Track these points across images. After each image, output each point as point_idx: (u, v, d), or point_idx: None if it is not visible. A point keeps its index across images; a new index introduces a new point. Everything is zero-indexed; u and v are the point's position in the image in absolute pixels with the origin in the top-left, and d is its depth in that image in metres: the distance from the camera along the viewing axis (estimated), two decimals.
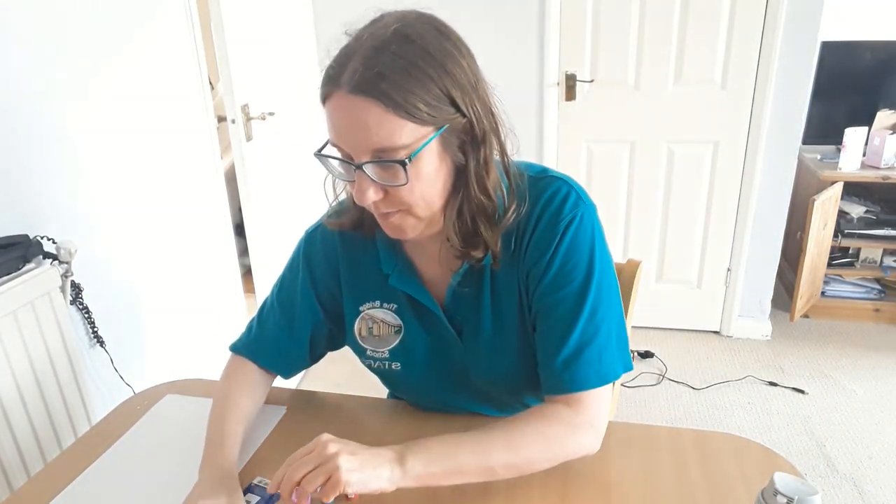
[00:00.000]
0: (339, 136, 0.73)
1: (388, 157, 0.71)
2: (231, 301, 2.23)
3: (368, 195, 0.73)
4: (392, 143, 0.70)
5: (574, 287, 0.81)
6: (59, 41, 1.44)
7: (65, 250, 1.37)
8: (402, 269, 0.89)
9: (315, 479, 0.69)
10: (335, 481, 0.69)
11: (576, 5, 2.48)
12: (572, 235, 0.81)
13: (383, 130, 0.69)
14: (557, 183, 0.83)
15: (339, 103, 0.71)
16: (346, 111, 0.70)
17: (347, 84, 0.69)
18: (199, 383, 1.09)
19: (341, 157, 0.75)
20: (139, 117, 1.71)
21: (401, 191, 0.74)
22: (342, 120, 0.71)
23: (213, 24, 1.93)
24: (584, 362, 0.80)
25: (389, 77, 0.68)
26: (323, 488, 0.69)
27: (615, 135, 2.62)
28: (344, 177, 0.78)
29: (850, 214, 2.78)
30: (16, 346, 1.24)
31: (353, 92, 0.69)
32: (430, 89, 0.70)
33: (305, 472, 0.70)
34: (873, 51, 2.75)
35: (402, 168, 0.71)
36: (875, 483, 1.93)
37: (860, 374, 2.48)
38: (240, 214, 2.17)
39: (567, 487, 0.81)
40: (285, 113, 2.38)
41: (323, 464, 0.70)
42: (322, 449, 0.72)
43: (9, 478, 1.22)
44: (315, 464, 0.70)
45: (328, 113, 0.73)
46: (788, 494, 0.62)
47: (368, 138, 0.70)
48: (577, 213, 0.81)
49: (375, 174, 0.73)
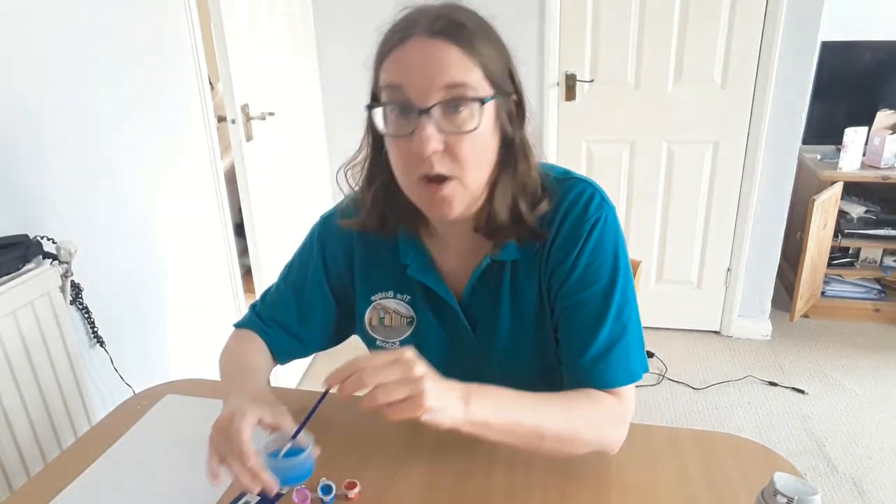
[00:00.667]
0: (409, 76, 0.72)
1: (461, 95, 0.71)
2: (231, 301, 2.23)
3: (431, 144, 0.71)
4: (466, 81, 0.71)
5: (601, 286, 0.82)
6: (59, 41, 1.44)
7: (65, 250, 1.37)
8: (420, 260, 0.89)
9: (395, 391, 0.64)
10: (417, 403, 0.64)
11: (576, 5, 2.48)
12: (598, 236, 0.82)
13: (462, 67, 0.71)
14: (581, 185, 0.84)
15: (415, 45, 0.72)
16: (423, 51, 0.72)
17: (428, 30, 0.72)
18: (199, 383, 1.09)
19: (400, 106, 0.73)
20: (139, 117, 1.71)
21: (462, 145, 0.73)
22: (417, 59, 0.72)
23: (213, 24, 1.92)
24: (613, 360, 0.81)
25: (469, 28, 0.73)
26: (398, 406, 0.65)
27: (615, 135, 2.63)
28: (399, 131, 0.74)
29: (850, 214, 2.78)
30: (15, 347, 1.24)
31: (434, 35, 0.71)
32: (501, 53, 0.76)
33: (386, 381, 0.65)
34: (873, 51, 2.75)
35: (480, 105, 0.72)
36: (875, 483, 1.93)
37: (860, 374, 2.48)
38: (240, 214, 2.17)
39: (567, 487, 0.81)
40: (285, 113, 2.38)
41: (409, 380, 0.65)
42: (410, 365, 0.66)
43: (9, 478, 1.22)
44: (399, 377, 0.65)
45: (394, 60, 0.73)
46: (788, 494, 0.62)
47: (444, 72, 0.71)
48: (602, 215, 0.83)
49: (442, 120, 0.72)
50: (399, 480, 0.83)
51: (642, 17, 2.44)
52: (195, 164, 1.99)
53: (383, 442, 0.91)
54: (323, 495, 0.79)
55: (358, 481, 0.82)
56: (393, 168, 0.79)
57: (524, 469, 0.84)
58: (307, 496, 0.79)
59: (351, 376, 0.65)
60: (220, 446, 0.72)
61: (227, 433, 0.71)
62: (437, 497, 0.80)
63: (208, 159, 2.05)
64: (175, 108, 1.87)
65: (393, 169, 0.79)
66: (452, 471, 0.84)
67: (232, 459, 0.70)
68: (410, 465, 0.86)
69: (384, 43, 0.76)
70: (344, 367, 0.67)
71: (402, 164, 0.76)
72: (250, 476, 0.70)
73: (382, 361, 0.66)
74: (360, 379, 0.65)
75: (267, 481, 0.70)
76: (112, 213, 1.62)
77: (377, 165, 0.85)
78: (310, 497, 0.79)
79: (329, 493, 0.80)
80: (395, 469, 0.85)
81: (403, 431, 0.94)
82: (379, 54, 0.76)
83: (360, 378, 0.65)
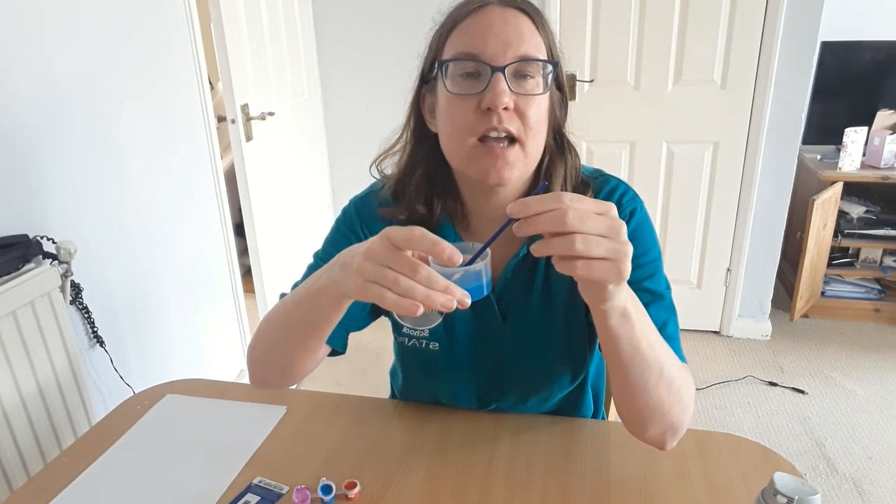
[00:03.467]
0: (484, 39, 0.74)
1: (534, 57, 0.75)
2: (231, 301, 2.23)
3: (505, 98, 0.73)
4: (536, 55, 0.76)
5: (644, 272, 0.83)
6: (59, 41, 1.44)
7: (65, 250, 1.37)
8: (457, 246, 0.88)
9: (598, 246, 0.55)
10: (618, 270, 0.57)
11: (576, 5, 2.48)
12: (635, 226, 0.85)
13: (533, 42, 0.76)
14: (614, 180, 0.89)
15: (493, 13, 0.76)
16: (501, 18, 0.75)
17: (503, 1, 0.77)
18: (199, 383, 1.09)
19: (471, 67, 0.75)
20: (139, 117, 1.71)
21: (530, 107, 0.75)
22: (496, 24, 0.75)
23: (213, 24, 1.93)
24: (669, 337, 0.80)
25: (534, 7, 0.79)
26: (595, 264, 0.56)
27: (615, 135, 2.62)
28: (467, 90, 0.75)
29: (849, 214, 2.78)
30: (16, 346, 1.24)
31: (509, 6, 0.76)
32: (553, 32, 0.80)
33: (591, 231, 0.55)
34: (873, 51, 2.75)
35: (553, 68, 0.77)
36: (875, 483, 1.93)
37: (860, 374, 2.48)
38: (240, 214, 2.17)
39: (567, 487, 0.81)
40: (285, 113, 2.38)
41: (615, 240, 0.56)
42: (619, 225, 0.57)
43: (9, 478, 1.22)
44: (605, 232, 0.56)
45: (466, 29, 0.76)
46: (788, 494, 0.62)
47: (521, 42, 0.75)
48: (637, 205, 0.86)
49: (512, 82, 0.74)
50: (399, 480, 0.83)
51: (642, 17, 2.44)
52: (195, 164, 1.99)
53: (383, 442, 0.91)
54: (323, 495, 0.79)
55: (358, 481, 0.82)
56: (447, 137, 0.80)
57: (524, 469, 0.84)
58: (307, 496, 0.79)
59: (551, 211, 0.55)
60: (383, 273, 0.57)
61: (391, 250, 0.57)
62: (437, 497, 0.80)
63: (208, 159, 2.05)
64: (175, 108, 1.88)
65: (446, 138, 0.80)
66: (452, 471, 0.84)
67: (410, 275, 0.56)
68: (410, 465, 0.86)
69: (451, 16, 0.79)
70: (542, 199, 0.56)
71: (465, 125, 0.76)
72: (442, 289, 0.56)
73: (589, 207, 0.56)
74: (561, 218, 0.55)
75: (460, 292, 0.57)
76: (112, 213, 1.62)
77: (419, 152, 0.86)
78: (310, 497, 0.79)
79: (329, 493, 0.80)
80: (395, 469, 0.85)
81: (403, 431, 0.94)
82: (444, 27, 0.79)
83: (563, 217, 0.54)
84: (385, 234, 0.58)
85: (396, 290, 0.56)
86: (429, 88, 0.83)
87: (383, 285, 0.57)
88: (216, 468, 0.87)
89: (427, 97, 0.84)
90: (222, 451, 0.90)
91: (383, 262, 0.57)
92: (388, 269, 0.57)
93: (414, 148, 0.87)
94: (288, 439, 0.93)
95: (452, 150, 0.79)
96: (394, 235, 0.57)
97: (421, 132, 0.86)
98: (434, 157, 0.85)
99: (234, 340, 2.27)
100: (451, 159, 0.81)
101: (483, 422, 0.94)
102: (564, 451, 0.86)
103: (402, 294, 0.56)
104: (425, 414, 0.97)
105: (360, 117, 2.74)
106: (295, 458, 0.89)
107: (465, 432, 0.92)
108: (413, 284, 0.56)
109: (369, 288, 0.58)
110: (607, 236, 0.56)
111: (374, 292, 0.57)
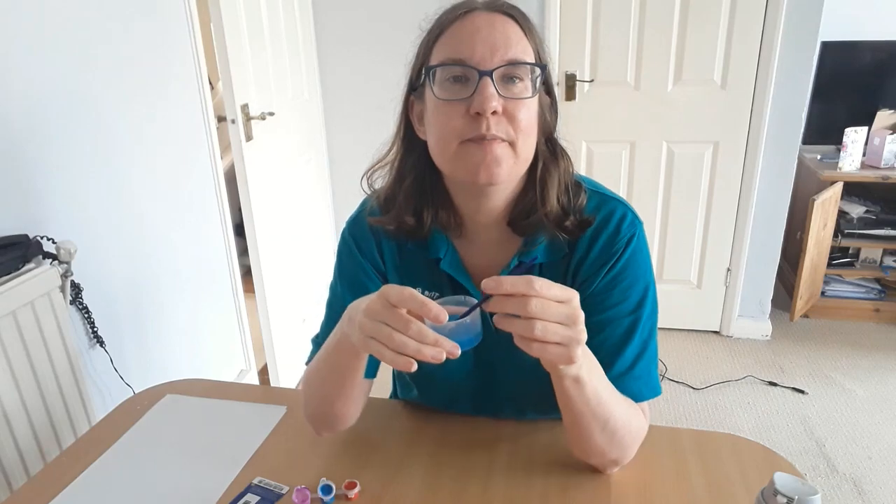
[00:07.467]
0: (472, 44, 0.74)
1: (522, 61, 0.75)
2: (231, 301, 2.23)
3: (493, 102, 0.73)
4: (524, 59, 0.76)
5: (630, 305, 0.83)
6: (59, 41, 1.44)
7: (65, 250, 1.37)
8: (452, 255, 0.89)
9: (553, 333, 0.61)
10: (569, 355, 0.63)
11: (576, 5, 2.48)
12: (631, 254, 0.84)
13: (521, 46, 0.76)
14: (613, 203, 0.87)
15: (480, 18, 0.76)
16: (488, 22, 0.75)
17: (488, 6, 0.77)
18: (199, 383, 1.09)
19: (459, 72, 0.76)
20: (139, 117, 1.71)
21: (519, 110, 0.75)
22: (483, 29, 0.75)
23: (213, 24, 1.93)
24: (638, 375, 0.82)
25: (520, 12, 0.78)
26: (550, 347, 0.62)
27: (615, 135, 2.62)
28: (455, 95, 0.75)
29: (850, 214, 2.78)
30: (15, 346, 1.24)
31: (496, 11, 0.76)
32: (541, 36, 0.80)
33: (551, 319, 0.61)
34: (873, 51, 2.75)
35: (542, 71, 0.77)
36: (875, 483, 1.93)
37: (860, 374, 2.48)
38: (240, 214, 2.17)
39: (567, 487, 0.81)
40: (285, 113, 2.38)
41: (571, 328, 0.62)
42: (577, 313, 0.63)
43: (9, 478, 1.22)
44: (563, 320, 0.62)
45: (454, 34, 0.76)
46: (788, 494, 0.62)
47: (508, 47, 0.75)
48: (635, 232, 0.85)
49: (500, 85, 0.74)
50: (399, 480, 0.83)
51: (642, 17, 2.44)
52: (195, 163, 1.99)
53: (383, 442, 0.91)
54: (323, 495, 0.79)
55: (358, 481, 0.82)
56: (434, 142, 0.79)
57: (524, 469, 0.84)
58: (307, 496, 0.79)
59: (517, 297, 0.61)
60: (379, 328, 0.63)
61: (387, 308, 0.63)
62: (437, 497, 0.80)
63: (208, 159, 2.05)
64: (175, 108, 1.88)
65: (434, 143, 0.79)
66: (452, 471, 0.84)
67: (403, 330, 0.62)
68: (410, 465, 0.86)
69: (438, 22, 0.79)
70: (514, 281, 0.61)
71: (453, 130, 0.75)
72: (432, 342, 0.61)
73: (554, 295, 0.61)
74: (525, 305, 0.60)
75: (449, 344, 0.62)
76: (112, 213, 1.62)
77: (409, 160, 0.86)
78: (310, 497, 0.79)
79: (329, 493, 0.80)
80: (395, 469, 0.85)
81: (403, 431, 0.94)
82: (431, 33, 0.79)
83: (527, 305, 0.60)
84: (382, 293, 0.64)
85: (391, 344, 0.62)
86: (417, 95, 0.82)
87: (380, 340, 0.63)
88: (216, 468, 0.87)
89: (416, 104, 0.83)
90: (222, 451, 0.90)
91: (380, 319, 0.63)
92: (383, 325, 0.63)
93: (403, 156, 0.86)
94: (288, 439, 0.93)
95: (440, 155, 0.79)
96: (389, 294, 0.63)
97: (410, 140, 0.85)
98: (424, 165, 0.84)
99: (234, 340, 2.27)
100: (440, 164, 0.81)
101: (483, 423, 0.94)
102: (564, 452, 0.86)
103: (396, 349, 0.62)
104: (425, 414, 0.97)
105: (360, 117, 2.74)
106: (295, 458, 0.89)
107: (465, 433, 0.92)
108: (405, 339, 0.61)
109: (370, 343, 0.64)
110: (565, 324, 0.62)
111: (374, 348, 0.64)
